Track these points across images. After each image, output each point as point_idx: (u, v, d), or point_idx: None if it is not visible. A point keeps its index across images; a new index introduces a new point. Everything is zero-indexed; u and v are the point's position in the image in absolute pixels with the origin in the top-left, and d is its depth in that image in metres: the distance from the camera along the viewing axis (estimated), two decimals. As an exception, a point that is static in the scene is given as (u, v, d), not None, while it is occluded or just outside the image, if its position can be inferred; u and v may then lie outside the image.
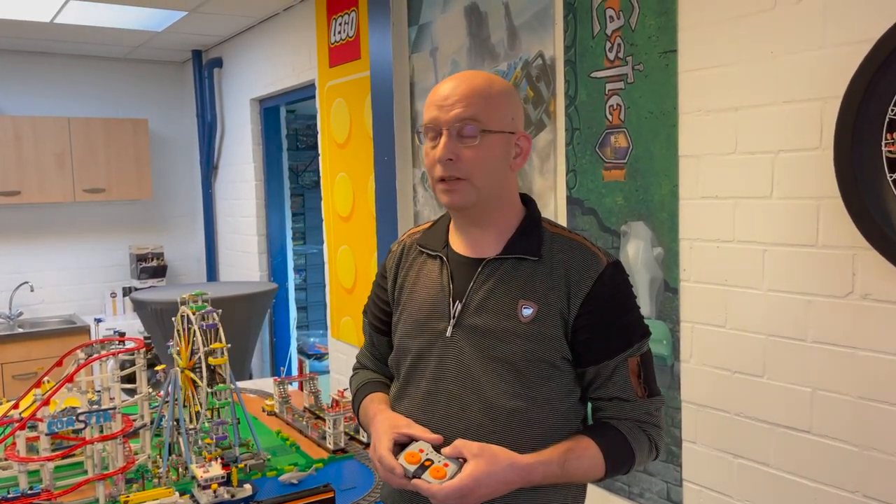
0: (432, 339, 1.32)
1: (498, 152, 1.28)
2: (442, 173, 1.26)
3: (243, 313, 3.93)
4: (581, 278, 1.27)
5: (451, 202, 1.28)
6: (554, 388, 1.28)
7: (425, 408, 1.31)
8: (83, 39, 4.72)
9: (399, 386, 1.38)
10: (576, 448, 1.24)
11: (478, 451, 1.18)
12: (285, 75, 4.20)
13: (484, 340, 1.27)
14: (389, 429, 1.26)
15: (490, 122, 1.26)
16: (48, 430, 1.96)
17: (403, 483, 1.19)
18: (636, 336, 1.30)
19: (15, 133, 4.73)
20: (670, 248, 2.04)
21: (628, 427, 1.28)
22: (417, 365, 1.34)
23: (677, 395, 2.05)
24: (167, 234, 5.58)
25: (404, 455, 1.21)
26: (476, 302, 1.29)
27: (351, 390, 1.54)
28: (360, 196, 3.48)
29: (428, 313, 1.33)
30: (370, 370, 1.54)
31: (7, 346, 4.59)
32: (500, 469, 1.18)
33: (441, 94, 1.27)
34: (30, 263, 5.10)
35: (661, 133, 2.03)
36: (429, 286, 1.35)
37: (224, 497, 1.85)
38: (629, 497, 2.20)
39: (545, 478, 1.22)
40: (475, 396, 1.27)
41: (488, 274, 1.30)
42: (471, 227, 1.35)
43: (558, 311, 1.26)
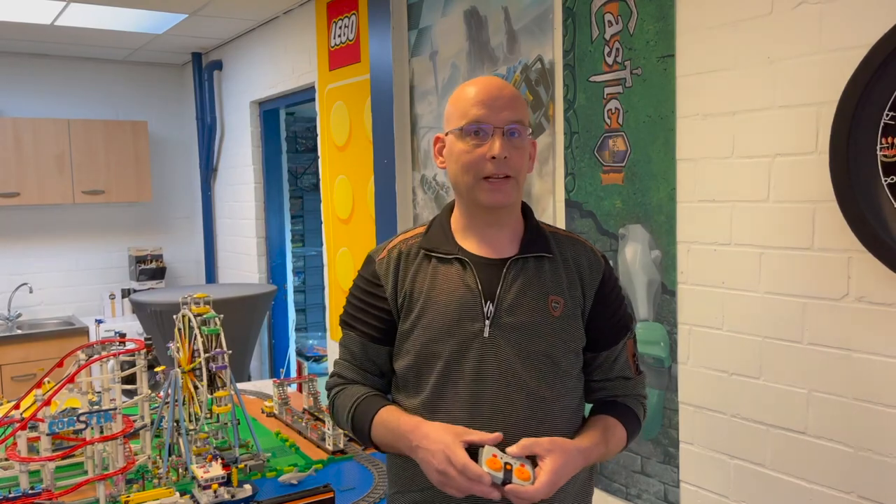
0: (467, 340, 1.31)
1: (528, 153, 1.37)
2: (494, 171, 1.30)
3: (242, 315, 3.94)
4: (592, 272, 1.38)
5: (498, 200, 1.32)
6: (576, 375, 1.38)
7: (471, 409, 1.30)
8: (83, 42, 4.74)
9: (430, 392, 1.33)
10: (609, 427, 1.36)
11: (549, 446, 1.23)
12: (285, 78, 4.21)
13: (521, 337, 1.32)
14: (456, 436, 1.21)
15: (528, 125, 1.35)
16: (49, 430, 1.97)
17: (488, 491, 1.18)
18: (630, 319, 1.46)
19: (15, 135, 4.74)
20: (668, 250, 2.05)
21: (632, 402, 1.43)
22: (452, 368, 1.31)
23: (675, 397, 2.07)
24: (166, 236, 5.59)
25: (486, 462, 1.19)
26: (509, 301, 1.32)
27: (340, 406, 1.43)
28: (359, 198, 3.50)
29: (457, 316, 1.32)
30: (360, 384, 1.43)
31: (6, 348, 4.60)
32: (573, 457, 1.25)
33: (486, 94, 1.32)
34: (29, 265, 5.10)
35: (659, 137, 2.04)
36: (451, 289, 1.34)
37: (224, 497, 1.86)
38: (626, 498, 2.22)
39: (598, 457, 1.34)
40: (521, 392, 1.30)
41: (516, 273, 1.34)
42: (488, 228, 1.37)
43: (578, 304, 1.36)
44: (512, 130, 1.31)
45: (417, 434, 1.26)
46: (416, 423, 1.29)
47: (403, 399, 1.39)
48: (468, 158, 1.31)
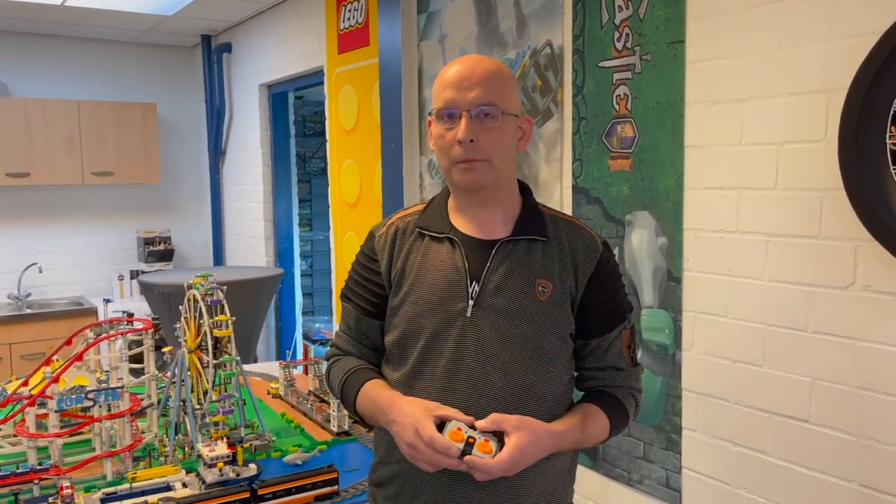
0: (449, 319, 1.33)
1: (510, 134, 1.33)
2: (463, 155, 1.29)
3: (249, 298, 3.96)
4: (587, 258, 1.35)
5: (471, 181, 1.31)
6: (562, 362, 1.36)
7: (446, 385, 1.32)
8: (93, 22, 4.74)
9: (411, 368, 1.37)
10: (590, 414, 1.35)
11: (517, 423, 1.23)
12: (294, 61, 4.21)
13: (504, 320, 1.31)
14: (426, 411, 1.24)
15: (505, 105, 1.30)
16: (57, 407, 1.99)
17: (456, 463, 1.20)
18: (627, 309, 1.41)
19: (25, 115, 4.76)
20: (674, 237, 2.05)
21: (622, 393, 1.40)
22: (433, 345, 1.34)
23: (678, 384, 2.07)
24: (175, 219, 5.61)
25: (448, 434, 1.21)
26: (494, 283, 1.32)
27: (333, 377, 1.48)
28: (366, 183, 3.50)
29: (443, 294, 1.34)
30: (354, 356, 1.48)
31: (16, 327, 4.63)
32: (540, 438, 1.24)
33: (457, 76, 1.30)
34: (38, 245, 5.13)
35: (668, 123, 2.04)
36: (439, 267, 1.36)
37: (230, 476, 1.87)
38: (629, 484, 2.23)
39: (571, 443, 1.32)
40: (498, 373, 1.30)
41: (504, 255, 1.34)
42: (477, 209, 1.37)
43: (568, 289, 1.34)
44: (480, 112, 1.28)
45: (393, 408, 1.29)
46: (392, 397, 1.33)
47: (389, 372, 1.42)
48: (441, 143, 1.31)
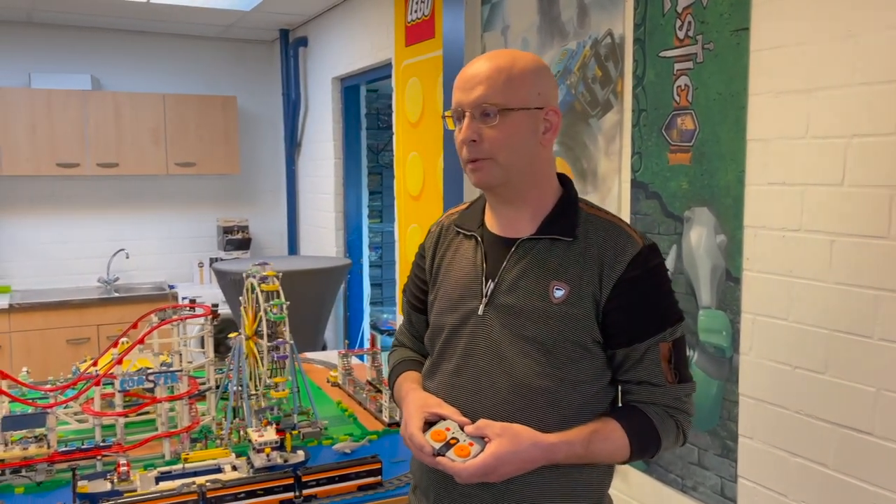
0: (465, 317, 1.33)
1: (523, 129, 1.27)
2: (468, 155, 1.27)
3: (317, 287, 4.04)
4: (615, 260, 1.25)
5: (478, 181, 1.29)
6: (584, 370, 1.27)
7: (454, 383, 1.32)
8: (178, 19, 4.93)
9: (431, 362, 1.40)
10: (602, 430, 1.25)
11: (500, 431, 1.19)
12: (365, 54, 4.25)
13: (514, 319, 1.27)
14: (420, 408, 1.28)
15: (510, 101, 1.25)
16: (120, 387, 2.08)
17: (431, 461, 1.21)
18: (669, 320, 1.27)
19: (115, 108, 5.01)
20: (734, 235, 1.96)
21: (656, 412, 1.27)
22: (450, 342, 1.35)
23: (735, 389, 1.98)
24: (252, 209, 5.79)
25: (430, 433, 1.22)
26: (508, 281, 1.29)
27: (388, 367, 1.57)
28: (429, 175, 3.50)
29: (462, 292, 1.34)
30: (407, 348, 1.55)
31: (104, 309, 4.90)
32: (523, 448, 1.19)
33: (463, 76, 1.28)
34: (126, 232, 5.40)
35: (730, 115, 1.94)
36: (463, 265, 1.36)
37: (277, 461, 1.91)
38: (682, 490, 2.15)
39: (568, 457, 1.23)
40: (504, 374, 1.27)
41: (521, 254, 1.30)
42: (503, 207, 1.34)
43: (590, 293, 1.25)
44: (481, 111, 1.25)
45: (405, 401, 1.36)
46: (408, 390, 1.38)
47: (426, 364, 1.45)
48: (456, 144, 1.30)
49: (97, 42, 5.21)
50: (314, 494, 1.82)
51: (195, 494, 1.72)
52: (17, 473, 1.88)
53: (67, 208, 5.24)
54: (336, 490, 1.85)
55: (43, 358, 4.60)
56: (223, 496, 1.74)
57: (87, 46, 5.19)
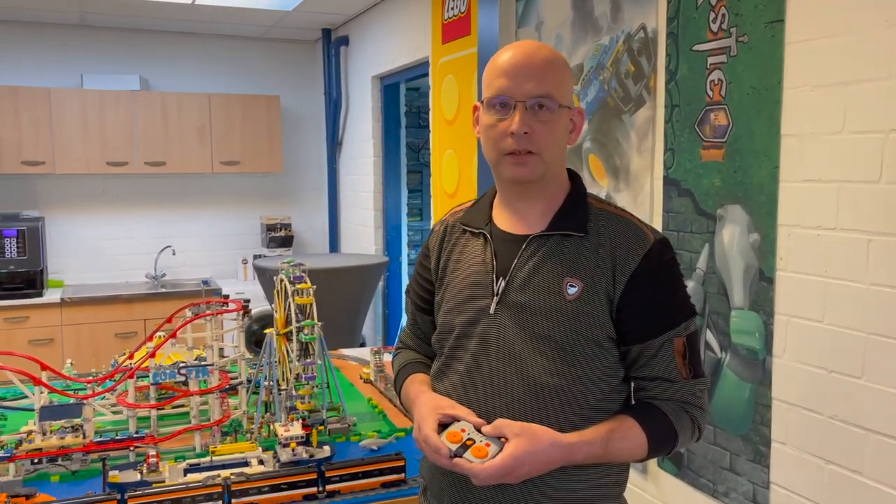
0: (475, 315, 1.31)
1: (563, 126, 1.27)
2: (515, 147, 1.23)
3: (354, 284, 4.08)
4: (627, 255, 1.23)
5: (521, 175, 1.26)
6: (597, 368, 1.25)
7: (467, 383, 1.30)
8: (222, 19, 5.02)
9: (441, 363, 1.38)
10: (619, 428, 1.23)
11: (519, 431, 1.17)
12: (403, 52, 4.26)
13: (527, 317, 1.25)
14: (433, 409, 1.25)
15: (560, 97, 1.24)
16: (153, 380, 2.13)
17: (447, 463, 1.18)
18: (682, 315, 1.26)
19: (162, 108, 5.13)
20: (767, 234, 1.90)
21: (672, 408, 1.25)
22: (460, 342, 1.33)
23: (768, 392, 1.92)
24: (295, 206, 5.86)
25: (446, 434, 1.20)
26: (520, 279, 1.27)
27: (393, 370, 1.53)
28: (465, 173, 3.49)
29: (471, 291, 1.32)
30: (412, 350, 1.53)
31: (151, 304, 5.02)
32: (542, 448, 1.17)
33: (512, 64, 1.24)
34: (172, 229, 5.53)
35: (764, 110, 1.88)
36: (472, 264, 1.34)
37: (303, 456, 1.93)
38: (713, 495, 2.09)
39: (587, 457, 1.21)
40: (517, 373, 1.25)
41: (533, 251, 1.28)
42: (520, 202, 1.32)
43: (603, 289, 1.23)
44: (536, 104, 1.22)
45: (416, 404, 1.32)
46: (418, 392, 1.35)
47: (433, 365, 1.43)
48: (492, 133, 1.26)
49: (145, 43, 5.35)
50: (337, 490, 1.83)
51: (220, 487, 1.74)
52: (53, 462, 1.93)
53: (117, 206, 5.39)
54: (359, 486, 1.85)
55: (92, 350, 4.75)
56: (247, 489, 1.76)
57: (135, 48, 5.33)
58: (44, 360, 2.20)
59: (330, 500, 1.81)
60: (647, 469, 2.35)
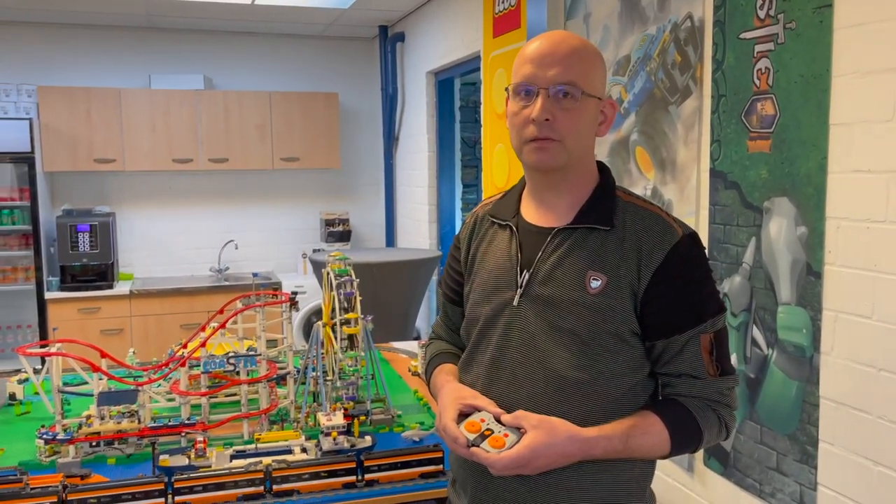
0: (499, 307, 1.31)
1: (590, 116, 1.26)
2: (536, 134, 1.23)
3: (408, 278, 4.12)
4: (653, 249, 1.22)
5: (542, 161, 1.25)
6: (621, 362, 1.24)
7: (490, 375, 1.31)
8: (281, 19, 5.14)
9: (467, 354, 1.39)
10: (641, 424, 1.22)
11: (537, 423, 1.18)
12: (456, 47, 4.27)
13: (550, 310, 1.25)
14: (455, 399, 1.27)
15: (586, 85, 1.23)
16: (203, 369, 2.21)
17: (464, 452, 1.20)
18: (709, 312, 1.23)
19: (225, 106, 5.29)
20: (815, 227, 1.83)
21: (697, 405, 1.23)
22: (485, 333, 1.34)
23: (815, 391, 1.86)
24: (353, 202, 5.95)
25: (465, 424, 1.21)
26: (544, 272, 1.27)
27: (424, 360, 1.55)
28: (515, 167, 3.48)
29: (496, 283, 1.33)
30: (444, 341, 1.54)
31: (215, 296, 5.18)
32: (559, 441, 1.17)
33: (538, 52, 1.24)
34: (235, 224, 5.70)
35: (812, 99, 1.82)
36: (498, 255, 1.34)
37: (344, 445, 1.96)
38: (759, 495, 2.04)
39: (606, 452, 1.20)
40: (539, 366, 1.25)
41: (558, 244, 1.27)
42: (546, 192, 1.31)
43: (628, 284, 1.22)
44: (559, 91, 1.21)
45: (441, 394, 1.35)
46: (443, 382, 1.37)
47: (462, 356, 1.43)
48: (516, 120, 1.25)
49: (209, 43, 5.52)
50: (375, 479, 1.87)
51: (261, 473, 1.80)
52: (110, 445, 2.03)
53: (182, 201, 5.59)
54: (397, 476, 1.88)
55: (159, 341, 4.94)
56: (287, 476, 1.82)
57: (200, 48, 5.50)
58: (113, 349, 2.31)
59: (368, 490, 1.85)
60: (694, 467, 2.31)
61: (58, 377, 2.05)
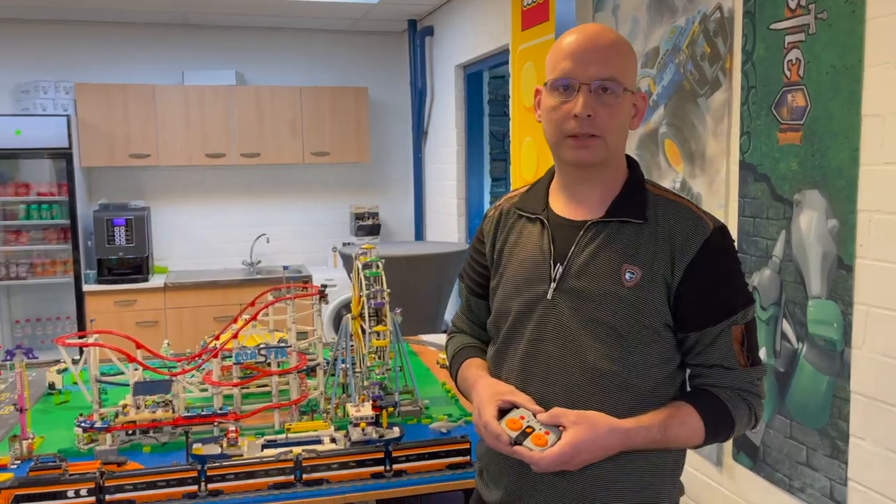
0: (532, 301, 1.31)
1: (627, 111, 1.27)
2: (578, 130, 1.23)
3: (436, 271, 4.14)
4: (686, 243, 1.23)
5: (582, 158, 1.25)
6: (654, 354, 1.25)
7: (524, 369, 1.31)
8: (312, 14, 5.18)
9: (497, 349, 1.39)
10: (677, 414, 1.23)
11: (576, 419, 1.18)
12: (484, 41, 4.27)
13: (585, 304, 1.25)
14: (493, 395, 1.26)
15: (625, 80, 1.24)
16: (235, 360, 2.25)
17: (507, 449, 1.20)
18: (741, 303, 1.25)
19: (257, 101, 5.35)
20: (846, 220, 1.81)
21: (729, 395, 1.25)
22: (516, 327, 1.34)
23: (846, 385, 1.84)
24: (383, 195, 5.99)
25: (506, 421, 1.22)
26: (578, 265, 1.27)
27: (447, 354, 1.54)
28: (543, 161, 3.48)
29: (528, 276, 1.33)
30: (466, 334, 1.53)
31: (247, 289, 5.26)
32: (600, 435, 1.18)
33: (577, 46, 1.24)
34: (267, 218, 5.77)
35: (843, 90, 1.79)
36: (528, 249, 1.34)
37: (372, 435, 1.99)
38: (789, 491, 2.02)
39: (645, 443, 1.22)
40: (575, 359, 1.26)
41: (591, 237, 1.28)
42: (579, 185, 1.31)
43: (661, 277, 1.23)
44: (600, 87, 1.22)
45: (474, 389, 1.34)
46: (476, 377, 1.36)
47: (489, 349, 1.43)
48: (554, 115, 1.25)
49: (241, 39, 5.59)
50: (403, 469, 1.89)
51: (291, 462, 1.84)
52: (145, 434, 2.09)
53: (215, 196, 5.68)
54: (425, 467, 1.90)
55: (193, 333, 5.03)
56: (317, 465, 1.85)
57: (232, 44, 5.57)
58: (148, 341, 2.37)
59: (396, 479, 1.87)
60: (723, 462, 2.30)
61: (95, 367, 2.11)
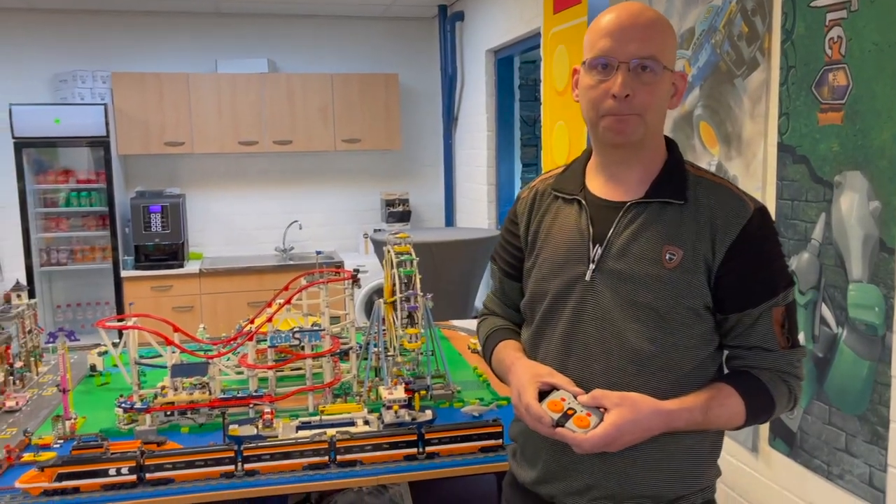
0: (570, 282, 1.30)
1: (666, 90, 1.25)
2: (616, 108, 1.22)
3: (467, 257, 4.14)
4: (727, 224, 1.22)
5: (621, 137, 1.24)
6: (694, 335, 1.25)
7: (563, 351, 1.30)
8: (342, 1, 5.19)
9: (534, 330, 1.37)
10: (718, 395, 1.23)
11: (619, 400, 1.18)
12: (515, 25, 4.24)
13: (625, 286, 1.24)
14: (533, 377, 1.25)
15: (664, 59, 1.22)
16: (269, 343, 2.28)
17: (549, 431, 1.20)
18: (781, 285, 1.24)
19: (288, 89, 5.38)
20: (889, 201, 1.76)
21: (769, 377, 1.24)
22: (554, 309, 1.32)
23: (887, 370, 1.80)
24: (413, 182, 6.00)
25: (547, 403, 1.21)
26: (618, 246, 1.26)
27: (479, 336, 1.54)
28: (575, 145, 3.45)
29: (565, 257, 1.31)
30: (499, 316, 1.52)
31: (279, 275, 5.32)
32: (644, 416, 1.17)
33: (616, 25, 1.22)
34: (299, 205, 5.82)
35: (887, 68, 1.74)
36: (566, 230, 1.33)
37: (405, 418, 2.00)
38: (827, 477, 1.99)
39: (688, 424, 1.21)
40: (615, 340, 1.25)
41: (632, 218, 1.26)
42: (617, 166, 1.30)
43: (703, 258, 1.22)
44: (639, 66, 1.20)
45: (512, 371, 1.33)
46: (513, 359, 1.35)
47: (523, 331, 1.42)
48: (593, 94, 1.23)
49: (273, 27, 5.62)
50: (436, 452, 1.90)
51: (325, 444, 1.86)
52: (183, 415, 2.13)
53: (248, 183, 5.74)
54: (457, 449, 1.91)
55: (227, 318, 5.09)
56: (351, 447, 1.87)
57: (264, 32, 5.61)
58: (184, 325, 2.40)
59: (429, 462, 1.89)
60: (759, 448, 2.27)
61: (134, 350, 2.15)
